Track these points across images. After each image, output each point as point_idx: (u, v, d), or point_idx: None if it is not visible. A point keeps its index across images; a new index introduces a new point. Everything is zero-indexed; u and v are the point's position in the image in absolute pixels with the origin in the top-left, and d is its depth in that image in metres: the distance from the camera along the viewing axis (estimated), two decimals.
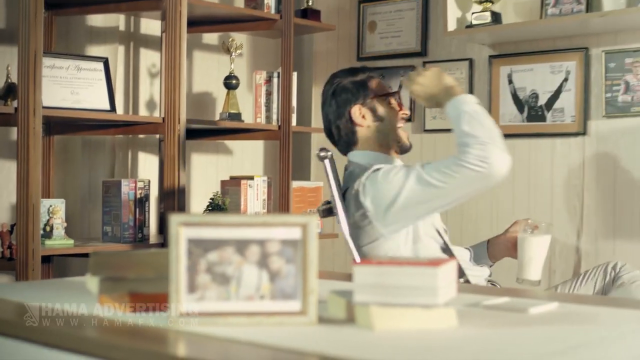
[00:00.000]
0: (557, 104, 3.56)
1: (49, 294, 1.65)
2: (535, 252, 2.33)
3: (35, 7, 2.68)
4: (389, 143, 2.51)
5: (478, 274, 2.49)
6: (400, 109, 2.51)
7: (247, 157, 4.23)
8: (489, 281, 2.59)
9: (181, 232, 1.31)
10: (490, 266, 2.63)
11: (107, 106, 3.08)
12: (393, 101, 2.51)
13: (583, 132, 3.47)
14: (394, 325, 1.29)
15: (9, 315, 1.44)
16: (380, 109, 2.48)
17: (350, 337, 1.25)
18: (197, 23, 3.51)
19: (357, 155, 2.49)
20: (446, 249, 2.42)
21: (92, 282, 1.48)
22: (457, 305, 1.39)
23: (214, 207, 3.35)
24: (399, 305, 1.30)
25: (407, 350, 1.15)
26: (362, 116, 2.47)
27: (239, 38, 3.89)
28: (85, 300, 1.48)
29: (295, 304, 1.32)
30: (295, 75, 3.73)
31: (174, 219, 1.31)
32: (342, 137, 2.51)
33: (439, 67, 2.44)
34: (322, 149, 2.28)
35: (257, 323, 1.30)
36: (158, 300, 1.42)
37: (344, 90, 2.50)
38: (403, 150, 2.52)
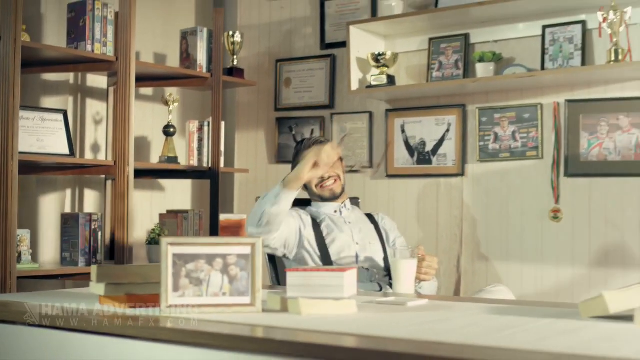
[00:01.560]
0: (441, 150, 4.14)
1: (50, 299, 2.16)
2: (402, 273, 2.66)
3: (14, 69, 3.16)
4: (314, 199, 3.29)
5: None
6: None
7: (177, 193, 4.74)
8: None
9: (169, 249, 1.86)
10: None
11: (67, 151, 3.57)
12: None
13: (462, 174, 4.10)
14: (315, 311, 1.87)
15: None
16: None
17: (285, 318, 1.82)
18: (140, 79, 4.02)
19: None
20: None
21: (97, 287, 2.00)
22: (357, 300, 1.98)
23: (155, 237, 3.87)
24: (318, 298, 1.89)
25: (324, 324, 1.73)
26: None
27: (174, 91, 4.42)
28: (86, 302, 2.01)
29: (247, 299, 1.89)
30: (223, 124, 4.29)
31: (164, 240, 1.86)
32: None
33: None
34: None
35: (221, 311, 1.86)
36: (146, 300, 1.96)
37: None
38: (326, 199, 3.25)
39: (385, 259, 3.18)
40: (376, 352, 1.44)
